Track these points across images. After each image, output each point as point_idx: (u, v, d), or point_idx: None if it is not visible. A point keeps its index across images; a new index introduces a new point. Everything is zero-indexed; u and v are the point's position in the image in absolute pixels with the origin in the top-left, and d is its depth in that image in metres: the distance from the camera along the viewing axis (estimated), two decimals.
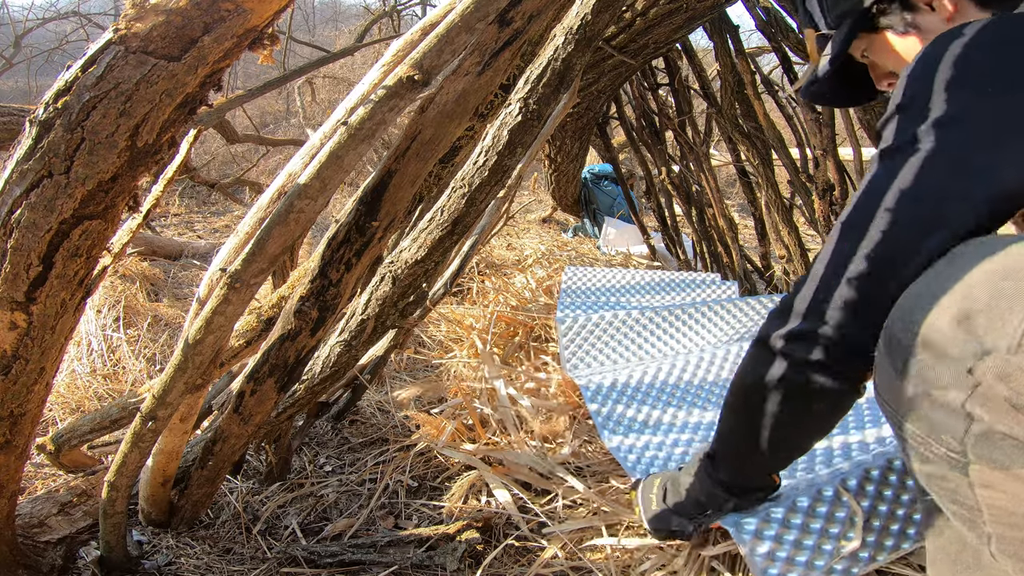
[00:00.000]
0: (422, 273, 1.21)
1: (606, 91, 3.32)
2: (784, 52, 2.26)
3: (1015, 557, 0.58)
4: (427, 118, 0.90)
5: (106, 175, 0.63)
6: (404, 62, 0.82)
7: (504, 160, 1.14)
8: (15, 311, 0.68)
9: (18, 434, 0.79)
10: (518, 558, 1.13)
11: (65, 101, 0.60)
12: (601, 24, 1.15)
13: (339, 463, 1.51)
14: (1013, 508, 0.55)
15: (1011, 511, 0.55)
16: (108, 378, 1.89)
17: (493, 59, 0.89)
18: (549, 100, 1.15)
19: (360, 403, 1.74)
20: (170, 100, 0.62)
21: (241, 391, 1.02)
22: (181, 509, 1.17)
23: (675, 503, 0.96)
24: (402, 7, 7.45)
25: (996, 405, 0.52)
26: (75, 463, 1.28)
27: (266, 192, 1.10)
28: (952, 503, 0.60)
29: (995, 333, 0.53)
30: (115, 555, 1.04)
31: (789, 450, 0.82)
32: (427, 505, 1.31)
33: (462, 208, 1.16)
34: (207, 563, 1.10)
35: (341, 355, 1.24)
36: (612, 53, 2.82)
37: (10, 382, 0.73)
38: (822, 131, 2.16)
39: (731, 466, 0.88)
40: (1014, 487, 0.54)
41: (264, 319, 1.09)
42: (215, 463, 1.10)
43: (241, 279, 0.80)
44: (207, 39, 0.60)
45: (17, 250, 0.64)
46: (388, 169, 0.92)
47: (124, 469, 0.94)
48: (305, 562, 1.10)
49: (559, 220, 4.66)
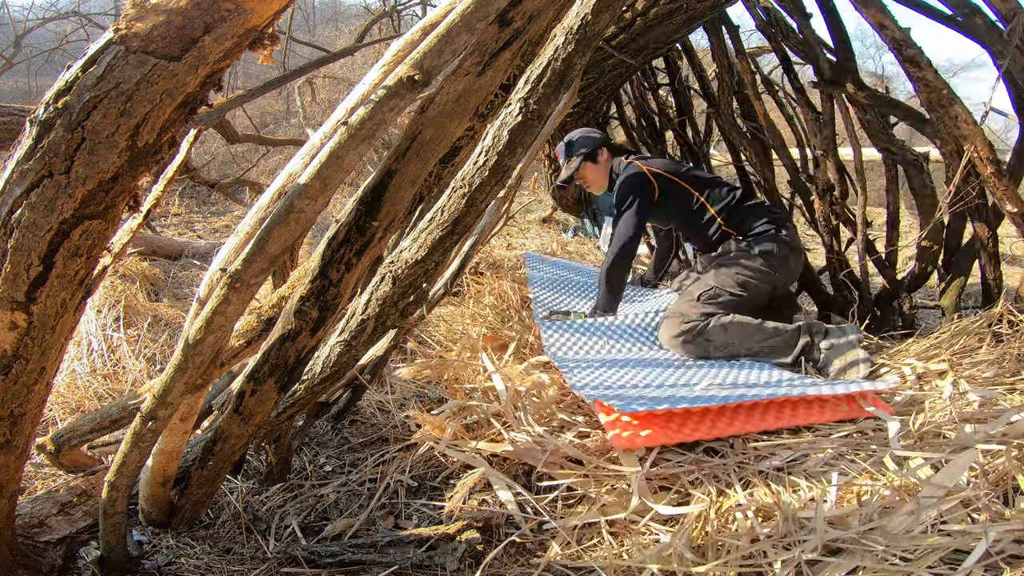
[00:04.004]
0: (422, 273, 1.21)
1: (606, 91, 3.33)
2: (784, 52, 2.26)
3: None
4: (427, 118, 0.90)
5: (106, 175, 0.63)
6: (404, 62, 0.82)
7: (504, 160, 1.14)
8: (15, 311, 0.68)
9: (18, 434, 0.79)
10: (518, 557, 1.13)
11: (65, 101, 0.60)
12: (601, 24, 1.15)
13: (339, 463, 1.51)
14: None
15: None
16: (108, 378, 1.89)
17: (493, 59, 0.89)
18: (549, 100, 1.14)
19: (360, 403, 1.74)
20: (170, 100, 0.62)
21: (241, 391, 1.02)
22: (181, 509, 1.17)
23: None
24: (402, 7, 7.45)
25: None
26: (75, 463, 1.28)
27: (266, 192, 1.10)
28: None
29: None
30: (115, 555, 1.04)
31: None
32: (427, 505, 1.31)
33: (462, 208, 1.16)
34: (207, 563, 1.10)
35: (341, 355, 1.24)
36: (612, 53, 2.82)
37: (10, 382, 0.73)
38: (822, 131, 2.16)
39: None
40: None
41: (264, 319, 1.09)
42: (215, 463, 1.10)
43: (241, 279, 0.80)
44: (207, 39, 0.60)
45: (17, 250, 0.64)
46: (388, 169, 0.92)
47: (124, 469, 0.94)
48: (305, 562, 1.10)
49: (559, 220, 4.66)
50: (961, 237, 2.03)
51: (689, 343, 2.00)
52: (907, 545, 0.98)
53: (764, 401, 1.49)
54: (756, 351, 1.95)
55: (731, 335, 1.97)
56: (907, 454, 1.25)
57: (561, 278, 2.82)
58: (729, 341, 1.97)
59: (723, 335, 1.97)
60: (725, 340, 1.97)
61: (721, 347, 1.97)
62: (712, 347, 1.98)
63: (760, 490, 1.21)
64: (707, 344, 1.98)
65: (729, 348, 1.97)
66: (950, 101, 1.72)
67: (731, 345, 1.97)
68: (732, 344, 1.97)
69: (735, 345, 1.97)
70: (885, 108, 2.00)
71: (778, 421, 1.46)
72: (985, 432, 1.26)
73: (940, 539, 0.98)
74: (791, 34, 2.13)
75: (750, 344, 1.95)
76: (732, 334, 1.97)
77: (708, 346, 1.98)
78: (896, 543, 0.98)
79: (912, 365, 1.70)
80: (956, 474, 1.11)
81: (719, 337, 1.97)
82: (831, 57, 2.04)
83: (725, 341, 1.97)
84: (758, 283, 2.10)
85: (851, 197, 2.24)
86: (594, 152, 2.43)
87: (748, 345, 1.95)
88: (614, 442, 1.35)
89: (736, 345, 1.96)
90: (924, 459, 1.22)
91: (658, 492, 1.27)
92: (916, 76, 1.75)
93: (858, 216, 2.13)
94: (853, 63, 2.00)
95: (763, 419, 1.46)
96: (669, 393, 1.58)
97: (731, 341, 1.97)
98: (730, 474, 1.28)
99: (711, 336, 1.97)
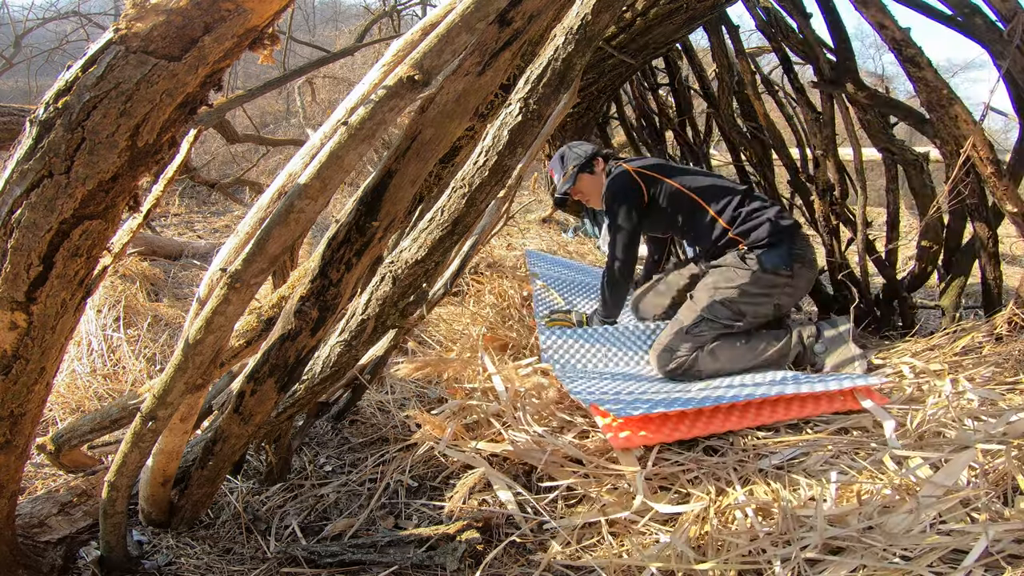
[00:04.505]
0: (422, 273, 1.21)
1: (606, 91, 3.32)
2: (784, 52, 2.26)
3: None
4: (427, 118, 0.90)
5: (106, 175, 0.63)
6: (404, 62, 0.82)
7: (504, 160, 1.14)
8: (15, 311, 0.68)
9: (18, 434, 0.79)
10: (518, 557, 1.13)
11: (65, 101, 0.60)
12: (601, 24, 1.15)
13: (339, 463, 1.51)
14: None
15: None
16: (108, 378, 1.89)
17: (493, 59, 0.89)
18: (549, 100, 1.14)
19: (360, 403, 1.74)
20: (170, 100, 0.62)
21: (241, 391, 1.02)
22: (181, 509, 1.17)
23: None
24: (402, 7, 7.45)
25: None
26: (75, 463, 1.28)
27: (266, 192, 1.10)
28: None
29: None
30: (115, 555, 1.04)
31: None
32: (427, 505, 1.31)
33: (462, 208, 1.16)
34: (207, 563, 1.10)
35: (341, 355, 1.24)
36: (612, 53, 2.82)
37: (10, 382, 0.73)
38: (822, 131, 2.16)
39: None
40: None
41: (264, 319, 1.09)
42: (215, 463, 1.10)
43: (241, 279, 0.80)
44: (207, 39, 0.60)
45: (17, 250, 0.64)
46: (388, 169, 0.92)
47: (124, 469, 0.94)
48: (305, 562, 1.10)
49: (559, 220, 4.66)
50: (961, 237, 2.03)
51: (680, 377, 1.93)
52: (907, 544, 0.98)
53: (758, 400, 1.50)
54: (751, 368, 1.90)
55: (721, 361, 1.91)
56: (907, 453, 1.25)
57: (563, 277, 2.82)
58: (719, 368, 1.91)
59: (713, 363, 1.91)
60: (715, 368, 1.91)
61: (713, 374, 1.91)
62: (704, 375, 1.92)
63: (760, 488, 1.21)
64: (699, 374, 1.92)
65: (721, 372, 1.91)
66: (950, 101, 1.72)
67: (723, 370, 1.91)
68: (723, 369, 1.91)
69: (727, 369, 1.91)
70: (885, 108, 2.00)
71: (773, 416, 1.47)
72: (985, 432, 1.26)
73: (940, 538, 0.98)
74: (791, 34, 2.13)
75: (743, 364, 1.90)
76: (723, 360, 1.91)
77: (700, 374, 1.92)
78: (896, 542, 0.98)
79: (911, 364, 1.71)
80: (956, 473, 1.11)
81: (709, 366, 1.91)
82: (831, 57, 2.04)
83: (715, 369, 1.91)
84: (757, 307, 1.92)
85: (851, 197, 2.24)
86: (589, 162, 2.27)
87: (742, 365, 1.90)
88: (612, 442, 1.36)
89: (728, 368, 1.91)
90: (923, 459, 1.22)
91: (658, 491, 1.27)
92: (916, 76, 1.75)
93: (858, 216, 2.13)
94: (853, 63, 2.00)
95: (758, 415, 1.47)
96: (663, 396, 1.59)
97: (722, 367, 1.91)
98: (730, 473, 1.28)
99: (701, 367, 1.91)
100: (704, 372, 1.92)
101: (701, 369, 1.92)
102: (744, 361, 1.91)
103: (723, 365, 1.91)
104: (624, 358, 2.10)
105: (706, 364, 1.91)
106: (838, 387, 1.52)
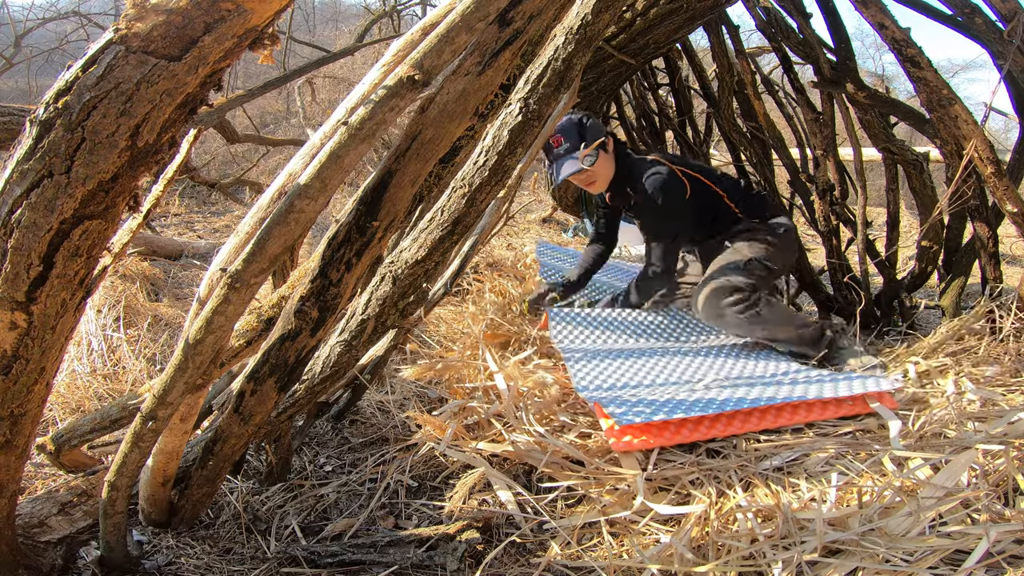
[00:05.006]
0: (422, 273, 1.21)
1: (606, 91, 3.32)
2: (784, 52, 2.26)
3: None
4: (427, 118, 0.90)
5: (106, 175, 0.63)
6: (404, 62, 0.82)
7: (504, 160, 1.14)
8: (15, 311, 0.67)
9: (18, 434, 0.79)
10: (518, 557, 1.13)
11: (66, 101, 0.60)
12: (601, 24, 1.15)
13: (339, 463, 1.51)
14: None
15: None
16: (108, 378, 1.89)
17: (493, 59, 0.89)
18: (549, 100, 1.14)
19: (360, 403, 1.74)
20: (170, 100, 0.62)
21: (241, 391, 1.02)
22: (181, 509, 1.17)
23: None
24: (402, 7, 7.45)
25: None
26: (75, 463, 1.28)
27: (266, 192, 1.10)
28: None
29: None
30: (115, 555, 1.04)
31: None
32: (427, 505, 1.31)
33: (462, 208, 1.16)
34: (207, 563, 1.10)
35: (341, 355, 1.24)
36: (612, 53, 2.82)
37: (10, 382, 0.73)
38: (822, 131, 2.16)
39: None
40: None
41: (264, 319, 1.09)
42: (215, 463, 1.10)
43: (241, 279, 0.80)
44: (208, 39, 0.60)
45: (17, 250, 0.64)
46: (388, 169, 0.92)
47: (124, 469, 0.94)
48: (305, 562, 1.10)
49: (559, 220, 4.66)
50: (961, 237, 2.03)
51: (742, 313, 1.87)
52: (907, 546, 0.97)
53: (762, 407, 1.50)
54: (787, 340, 1.88)
55: (776, 315, 1.88)
56: (907, 454, 1.25)
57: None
58: (770, 319, 1.86)
59: (769, 312, 1.87)
60: (770, 318, 1.86)
61: (766, 325, 1.87)
62: (760, 324, 1.87)
63: (760, 490, 1.21)
64: (756, 318, 1.85)
65: (767, 331, 1.88)
66: (950, 101, 1.72)
67: (769, 328, 1.87)
68: (769, 327, 1.87)
69: (772, 330, 1.88)
70: (885, 108, 2.00)
71: (778, 420, 1.46)
72: (986, 432, 1.26)
73: (940, 540, 0.98)
74: (791, 34, 2.13)
75: (787, 328, 1.86)
76: (776, 314, 1.88)
77: (756, 320, 1.85)
78: (896, 544, 0.98)
79: (916, 363, 1.70)
80: (956, 474, 1.11)
81: (767, 313, 1.86)
82: (831, 57, 2.04)
83: (770, 318, 1.86)
84: (783, 259, 2.04)
85: (851, 197, 2.24)
86: (606, 143, 2.12)
87: (785, 330, 1.86)
88: (614, 446, 1.36)
89: (773, 330, 1.87)
90: (924, 459, 1.22)
91: (658, 493, 1.27)
92: (916, 76, 1.75)
93: (858, 216, 2.13)
94: (853, 63, 2.00)
95: (762, 419, 1.46)
96: (667, 397, 1.59)
97: (772, 320, 1.87)
98: (730, 475, 1.28)
99: (762, 310, 1.86)
100: (762, 316, 1.86)
101: (761, 312, 1.86)
102: (790, 326, 1.87)
103: (774, 319, 1.88)
104: (631, 341, 2.10)
105: (765, 309, 1.87)
106: (848, 392, 1.51)
